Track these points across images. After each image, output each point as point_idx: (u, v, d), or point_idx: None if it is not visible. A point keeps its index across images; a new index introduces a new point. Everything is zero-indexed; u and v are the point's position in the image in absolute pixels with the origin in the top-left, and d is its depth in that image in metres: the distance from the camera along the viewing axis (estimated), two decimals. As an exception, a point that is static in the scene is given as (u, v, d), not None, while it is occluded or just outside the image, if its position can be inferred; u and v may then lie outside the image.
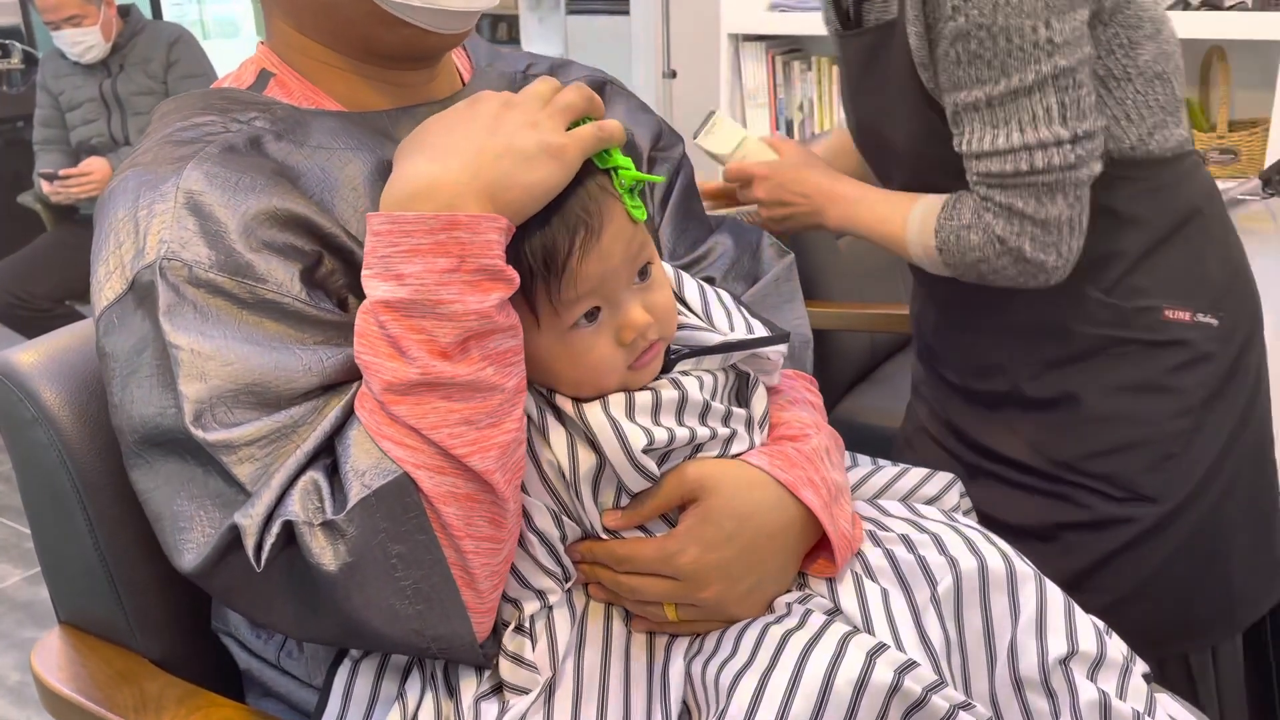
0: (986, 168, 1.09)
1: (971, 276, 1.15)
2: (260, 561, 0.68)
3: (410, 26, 0.79)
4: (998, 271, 1.12)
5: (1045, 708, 0.76)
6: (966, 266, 1.13)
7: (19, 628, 2.33)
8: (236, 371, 0.70)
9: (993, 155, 1.08)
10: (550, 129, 0.71)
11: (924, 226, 1.15)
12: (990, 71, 1.05)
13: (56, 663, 0.92)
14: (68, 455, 0.88)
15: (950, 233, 1.13)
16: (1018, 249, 1.10)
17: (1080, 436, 1.20)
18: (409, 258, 0.67)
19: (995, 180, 1.09)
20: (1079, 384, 1.20)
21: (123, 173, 0.77)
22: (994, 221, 1.10)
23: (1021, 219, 1.09)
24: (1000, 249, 1.11)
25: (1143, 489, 1.18)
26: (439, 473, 0.68)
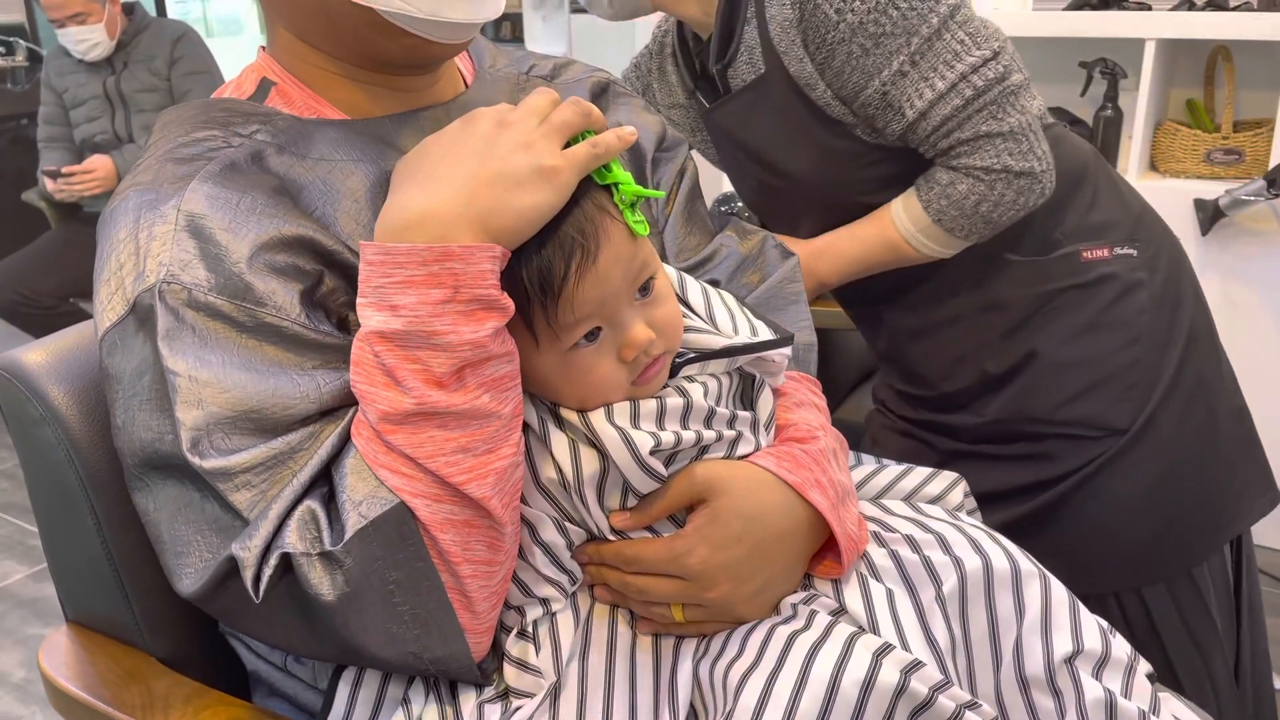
0: (939, 115, 1.15)
1: (980, 226, 1.20)
2: (259, 593, 0.69)
3: (412, 36, 0.78)
4: (1001, 203, 1.18)
5: (1051, 706, 0.76)
6: (972, 219, 1.19)
7: (24, 625, 2.34)
8: (234, 398, 0.70)
9: (937, 102, 1.15)
10: (544, 150, 0.70)
11: (912, 214, 1.21)
12: (897, 40, 1.13)
13: (64, 661, 0.92)
14: (75, 454, 0.88)
15: (937, 199, 1.19)
16: (1003, 167, 1.17)
17: (1048, 389, 1.27)
18: (403, 289, 0.67)
19: (950, 124, 1.16)
20: (1034, 341, 1.28)
21: (124, 191, 0.77)
22: (968, 160, 1.17)
23: (989, 140, 1.17)
24: (990, 178, 1.17)
25: (1115, 422, 1.25)
26: (436, 500, 0.68)
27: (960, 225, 1.21)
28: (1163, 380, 1.26)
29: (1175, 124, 2.33)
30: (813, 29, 1.16)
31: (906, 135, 1.20)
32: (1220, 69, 2.31)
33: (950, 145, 1.18)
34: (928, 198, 1.21)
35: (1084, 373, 1.26)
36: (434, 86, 0.88)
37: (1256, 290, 2.24)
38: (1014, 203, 1.20)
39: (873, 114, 1.20)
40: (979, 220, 1.20)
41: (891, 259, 1.27)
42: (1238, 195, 2.15)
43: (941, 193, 1.20)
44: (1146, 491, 1.26)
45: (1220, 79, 2.32)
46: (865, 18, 1.13)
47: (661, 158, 1.01)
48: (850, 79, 1.17)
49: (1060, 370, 1.27)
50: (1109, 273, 1.27)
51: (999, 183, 1.18)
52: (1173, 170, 2.33)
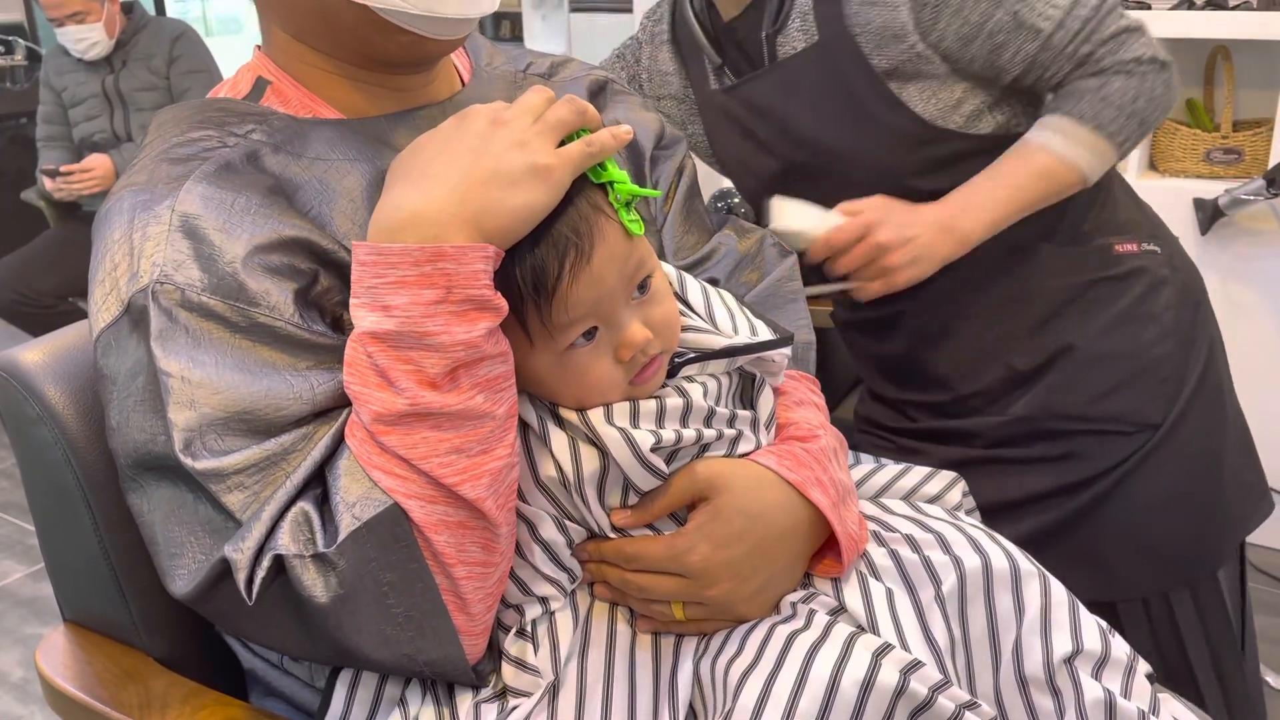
0: (1077, 19, 1.14)
1: (1135, 128, 1.17)
2: (251, 595, 0.68)
3: (408, 33, 0.78)
4: (1153, 97, 1.17)
5: (1050, 706, 0.76)
6: (1130, 118, 1.16)
7: (22, 624, 2.34)
8: (226, 399, 0.69)
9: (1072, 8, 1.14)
10: (538, 148, 0.70)
11: (1063, 131, 1.17)
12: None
13: (61, 661, 0.92)
14: (72, 453, 0.88)
15: (1090, 105, 1.16)
16: (1150, 57, 1.16)
17: (1081, 385, 1.24)
18: (395, 289, 0.67)
19: (1089, 26, 1.15)
20: (1068, 333, 1.25)
21: (118, 192, 0.76)
22: (1117, 57, 1.15)
23: (1129, 34, 1.16)
24: (1142, 69, 1.16)
25: (1149, 417, 1.23)
26: (430, 502, 0.68)
27: (1120, 126, 1.17)
28: (1191, 376, 1.25)
29: (1175, 123, 2.33)
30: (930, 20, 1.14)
31: (1038, 57, 1.17)
32: (1220, 68, 2.31)
33: (1091, 50, 1.16)
34: (1078, 109, 1.17)
35: (1120, 365, 1.24)
36: (430, 85, 0.88)
37: (1256, 289, 2.24)
38: (1162, 98, 1.18)
39: (998, 47, 1.16)
40: (1135, 120, 1.17)
41: (1045, 191, 1.19)
42: (1237, 195, 2.15)
43: (1094, 97, 1.16)
44: (1174, 492, 1.24)
45: (1220, 78, 2.32)
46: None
47: (660, 155, 1.00)
48: (972, 15, 1.14)
49: (1096, 363, 1.24)
50: (1139, 266, 1.26)
51: (1150, 74, 1.16)
52: (1172, 170, 2.33)
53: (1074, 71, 1.17)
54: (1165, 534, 1.25)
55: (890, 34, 1.16)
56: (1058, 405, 1.25)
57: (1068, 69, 1.17)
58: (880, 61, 1.18)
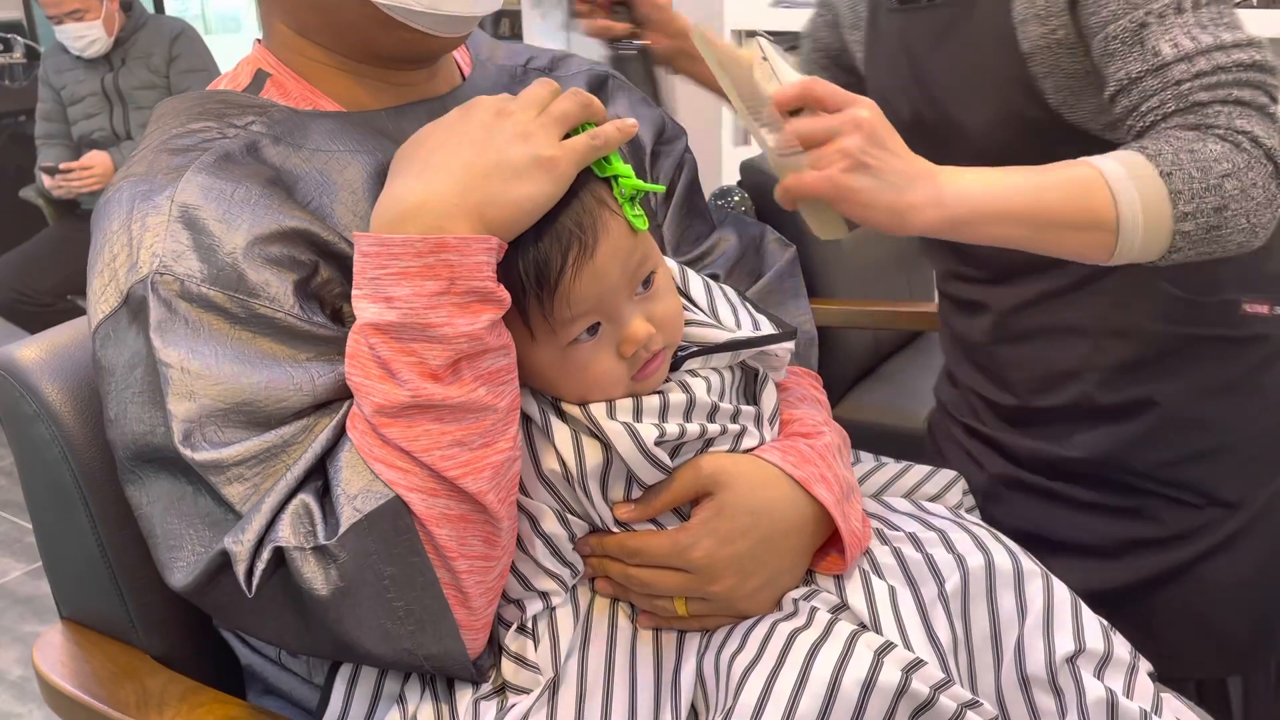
0: (1208, 64, 0.90)
1: (1206, 212, 0.87)
2: (251, 587, 0.68)
3: (411, 30, 0.78)
4: (1246, 193, 0.88)
5: (1052, 706, 0.76)
6: (1206, 195, 0.87)
7: (20, 622, 2.34)
8: (226, 391, 0.69)
9: (1217, 50, 0.91)
10: (542, 140, 0.70)
11: (1128, 161, 0.88)
12: None
13: (58, 658, 0.92)
14: (69, 451, 0.88)
15: (1175, 151, 0.88)
16: (1271, 150, 0.89)
17: (1160, 443, 1.11)
18: (397, 280, 0.66)
19: (1218, 77, 0.90)
20: (1157, 388, 1.10)
21: (118, 183, 0.76)
22: (1239, 121, 0.89)
23: (1265, 116, 0.90)
24: (1254, 150, 0.89)
25: (1225, 495, 1.11)
26: (431, 495, 0.68)
27: (1193, 195, 0.87)
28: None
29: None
30: None
31: (1142, 82, 0.94)
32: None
33: (1212, 100, 0.90)
34: (1159, 148, 0.89)
35: (1210, 435, 1.10)
36: (431, 80, 0.88)
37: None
38: (1256, 206, 0.89)
39: (1110, 54, 0.96)
40: (1213, 200, 0.87)
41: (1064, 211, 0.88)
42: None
43: (1184, 146, 0.89)
44: (1245, 580, 1.12)
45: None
46: None
47: (661, 151, 1.00)
48: (1102, 9, 0.96)
49: (1184, 426, 1.10)
50: (1264, 333, 1.10)
51: (1258, 165, 0.88)
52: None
53: (1173, 117, 0.93)
54: (1229, 622, 1.13)
55: (1039, 7, 1.00)
56: (1128, 456, 1.11)
57: (1170, 109, 0.93)
58: (1021, 37, 1.02)
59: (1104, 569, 1.12)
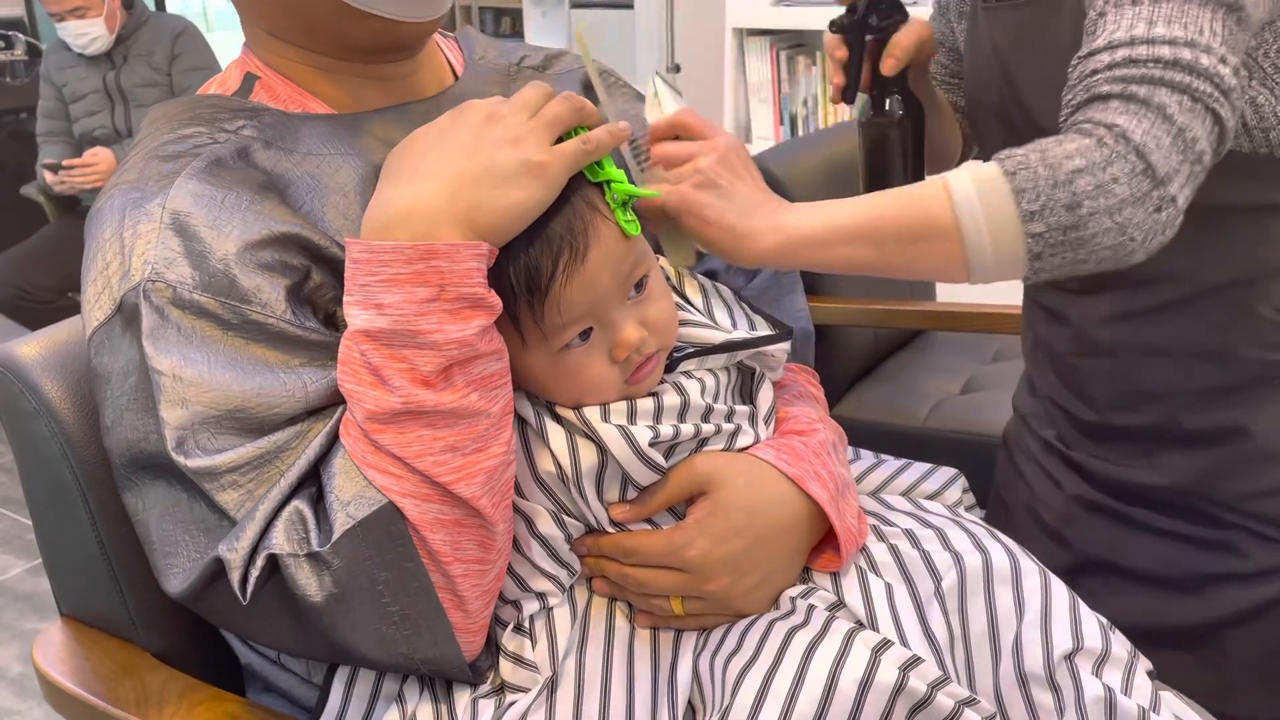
0: (1128, 54, 0.82)
1: (1058, 212, 0.78)
2: (246, 594, 0.68)
3: (378, 18, 0.78)
4: (1098, 189, 0.78)
5: (1050, 703, 0.76)
6: (1052, 193, 0.78)
7: (21, 619, 2.34)
8: (219, 397, 0.69)
9: (1140, 43, 0.82)
10: (533, 145, 0.69)
11: (973, 167, 0.82)
12: None
13: (58, 655, 0.92)
14: (69, 448, 0.88)
15: (1032, 149, 0.80)
16: (1141, 146, 0.79)
17: (1247, 474, 1.05)
18: (388, 287, 0.66)
19: (1134, 69, 0.82)
20: (1248, 415, 1.04)
21: (109, 191, 0.76)
22: (1118, 117, 0.80)
23: (1159, 115, 0.80)
24: (1116, 146, 0.79)
25: None
26: (425, 500, 0.68)
27: (1034, 191, 0.78)
28: None
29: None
30: None
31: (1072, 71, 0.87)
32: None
33: (1111, 93, 0.82)
34: (1011, 150, 0.82)
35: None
36: (417, 76, 0.87)
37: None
38: (1119, 204, 0.78)
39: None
40: (1059, 202, 0.78)
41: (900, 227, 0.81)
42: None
43: (1038, 145, 0.81)
44: None
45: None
46: None
47: None
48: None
49: (1271, 458, 1.04)
50: None
51: (1120, 160, 0.79)
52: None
53: (1080, 109, 0.85)
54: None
55: None
56: (1212, 486, 1.06)
57: (1079, 100, 0.85)
58: None
59: (1179, 603, 1.08)
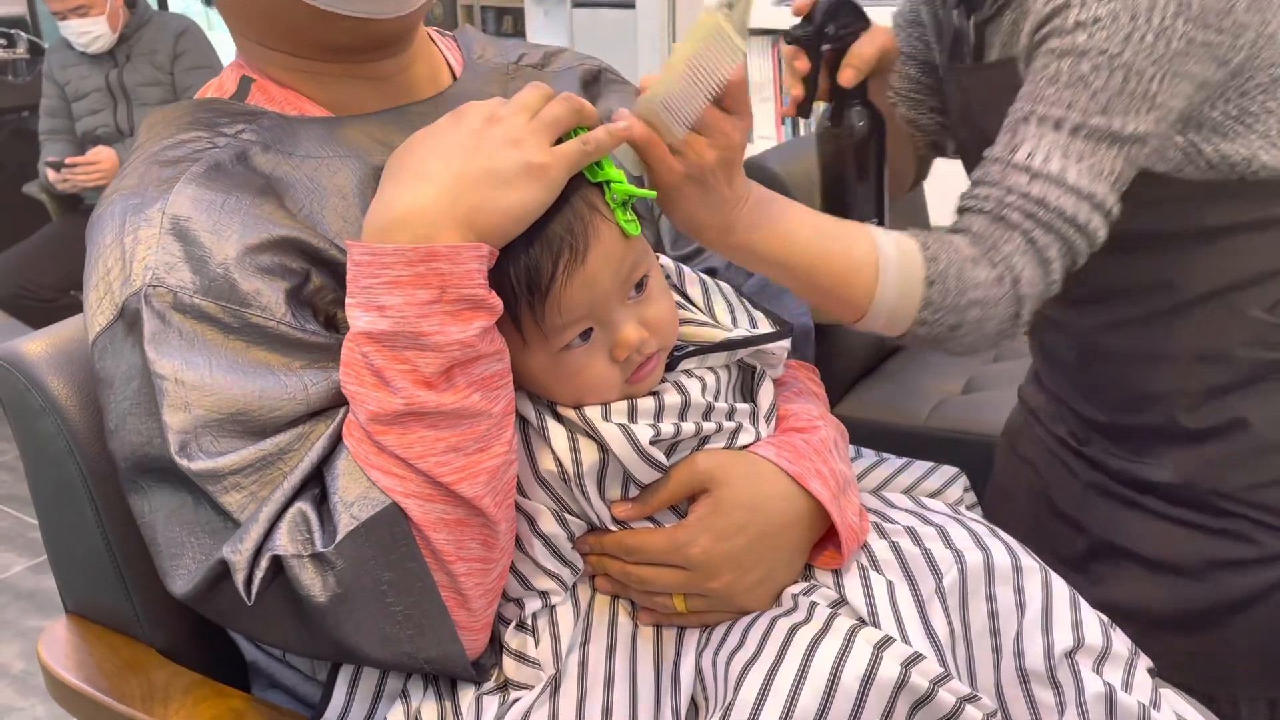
0: (1041, 192, 0.92)
1: (942, 327, 0.92)
2: (250, 595, 0.69)
3: (350, 18, 0.77)
4: (983, 321, 0.92)
5: (1051, 700, 0.76)
6: (952, 311, 0.91)
7: (24, 616, 2.34)
8: (220, 401, 0.70)
9: (1054, 182, 0.92)
10: (533, 146, 0.69)
11: (905, 249, 0.90)
12: (1092, 103, 0.92)
13: (64, 652, 0.92)
14: (75, 445, 0.88)
15: (949, 264, 0.90)
16: (1025, 296, 0.92)
17: (1249, 466, 1.09)
18: (389, 290, 0.67)
19: (1043, 212, 0.92)
20: (1247, 410, 1.08)
21: (109, 196, 0.76)
22: (1019, 259, 0.91)
23: (1044, 272, 0.92)
24: (1011, 295, 0.92)
25: None
26: (428, 500, 0.68)
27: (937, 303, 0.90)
28: None
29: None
30: (1051, 15, 0.94)
31: (992, 165, 0.95)
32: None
33: (1019, 223, 0.92)
34: (937, 253, 0.91)
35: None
36: (411, 75, 0.87)
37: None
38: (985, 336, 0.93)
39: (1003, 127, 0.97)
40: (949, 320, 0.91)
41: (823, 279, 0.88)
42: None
43: (960, 261, 0.91)
44: None
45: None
46: (1093, 53, 0.91)
47: None
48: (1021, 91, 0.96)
49: (1271, 450, 1.08)
50: None
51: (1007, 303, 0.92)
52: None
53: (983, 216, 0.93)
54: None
55: None
56: (1217, 479, 1.10)
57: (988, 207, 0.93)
58: None
59: (1189, 589, 1.11)
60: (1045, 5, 0.94)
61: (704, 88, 0.74)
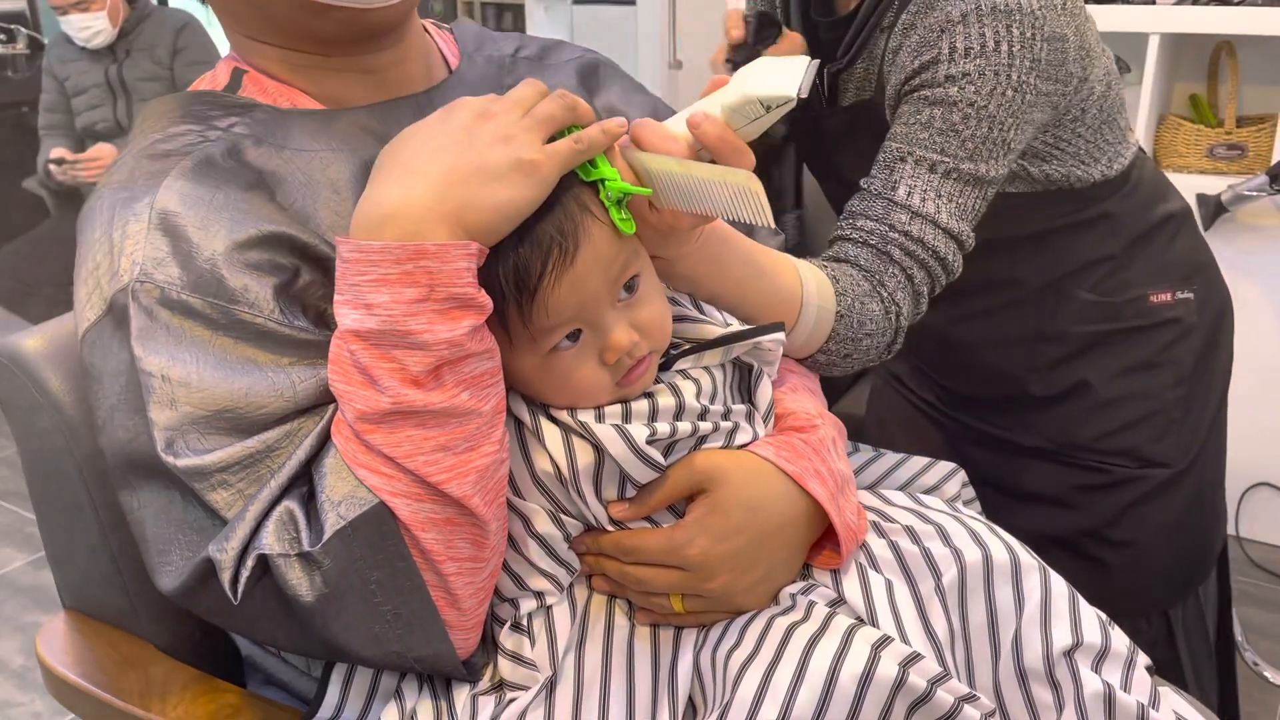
0: (920, 231, 1.03)
1: (838, 355, 0.99)
2: (236, 594, 0.68)
3: (341, 8, 0.77)
4: (869, 350, 1.01)
5: (1049, 699, 0.76)
6: (848, 341, 0.99)
7: (22, 612, 2.34)
8: (207, 398, 0.69)
9: (930, 222, 1.03)
10: (525, 143, 0.68)
11: (822, 286, 0.97)
12: (961, 149, 1.04)
13: (62, 647, 0.92)
14: (72, 440, 0.88)
15: (854, 298, 0.99)
16: (903, 325, 1.03)
17: (1093, 420, 1.27)
18: (377, 288, 0.66)
19: (921, 250, 1.03)
20: (1087, 374, 1.26)
21: (99, 191, 0.76)
22: (900, 294, 1.02)
23: (914, 305, 1.04)
24: (892, 325, 1.02)
25: (1155, 457, 1.26)
26: (416, 500, 0.68)
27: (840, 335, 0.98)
28: (1206, 417, 1.29)
29: (1178, 119, 2.32)
30: (925, 66, 1.05)
31: (873, 202, 1.05)
32: (1224, 64, 2.31)
33: (900, 259, 1.02)
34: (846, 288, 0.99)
35: (1131, 406, 1.26)
36: (406, 69, 0.86)
37: (1259, 285, 2.23)
38: (866, 360, 1.02)
39: (876, 161, 1.07)
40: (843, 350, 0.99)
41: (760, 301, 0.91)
42: (1240, 190, 2.14)
43: (859, 295, 1.00)
44: (1179, 522, 1.29)
45: (1224, 74, 2.32)
46: (963, 104, 1.03)
47: None
48: (893, 130, 1.07)
49: (1111, 403, 1.27)
50: (1170, 317, 1.26)
51: (889, 332, 1.02)
52: (1175, 165, 2.33)
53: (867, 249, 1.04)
54: (1165, 558, 1.29)
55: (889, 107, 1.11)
56: (1069, 435, 1.28)
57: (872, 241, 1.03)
58: None
59: (1064, 516, 1.29)
60: (914, 60, 1.06)
61: (703, 204, 0.73)
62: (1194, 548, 1.33)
